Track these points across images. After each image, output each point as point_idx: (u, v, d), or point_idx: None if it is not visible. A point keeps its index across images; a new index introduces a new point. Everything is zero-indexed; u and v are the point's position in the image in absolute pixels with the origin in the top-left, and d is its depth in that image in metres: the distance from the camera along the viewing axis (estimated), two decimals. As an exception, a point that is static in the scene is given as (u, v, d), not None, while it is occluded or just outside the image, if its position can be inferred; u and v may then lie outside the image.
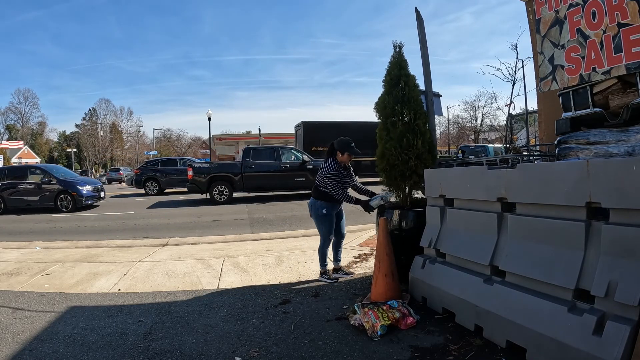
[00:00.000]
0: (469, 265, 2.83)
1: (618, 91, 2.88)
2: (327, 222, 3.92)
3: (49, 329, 3.00)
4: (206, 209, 10.92)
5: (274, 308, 3.30)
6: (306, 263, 4.64)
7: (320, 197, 3.88)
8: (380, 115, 3.79)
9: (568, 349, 1.97)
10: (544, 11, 3.25)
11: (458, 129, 45.81)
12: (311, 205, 3.96)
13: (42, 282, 4.25)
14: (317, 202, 3.90)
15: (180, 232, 7.49)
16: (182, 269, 4.61)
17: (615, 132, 2.80)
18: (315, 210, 3.91)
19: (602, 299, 1.93)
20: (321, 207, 3.87)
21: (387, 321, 2.72)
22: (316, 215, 3.93)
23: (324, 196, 3.85)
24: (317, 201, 3.90)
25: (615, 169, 1.97)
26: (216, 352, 2.56)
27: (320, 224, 3.94)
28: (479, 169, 3.04)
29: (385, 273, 3.16)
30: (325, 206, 3.86)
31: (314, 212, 3.94)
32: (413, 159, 3.54)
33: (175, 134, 54.13)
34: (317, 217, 3.92)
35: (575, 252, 2.11)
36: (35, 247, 6.29)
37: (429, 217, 3.34)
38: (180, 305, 3.45)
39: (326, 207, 3.86)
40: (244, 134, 50.60)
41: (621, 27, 2.67)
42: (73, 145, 55.79)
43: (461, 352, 2.40)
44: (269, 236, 6.70)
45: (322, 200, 3.87)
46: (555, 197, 2.23)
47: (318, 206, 3.88)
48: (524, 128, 22.29)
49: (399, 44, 3.73)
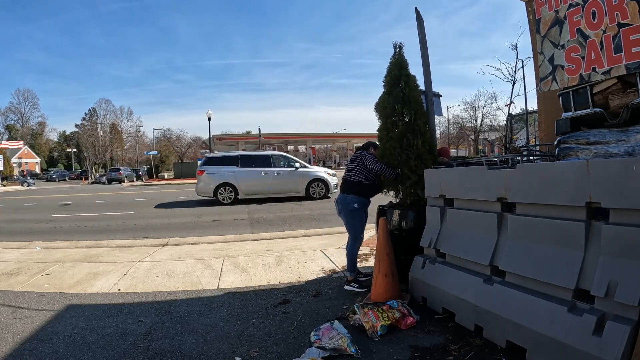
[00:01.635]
0: (469, 265, 2.83)
1: (618, 91, 2.88)
2: (359, 217, 3.69)
3: (49, 328, 3.00)
4: (206, 209, 10.92)
5: (274, 308, 3.30)
6: (306, 263, 4.65)
7: (351, 191, 3.67)
8: (380, 115, 3.78)
9: (568, 349, 1.97)
10: (544, 11, 3.25)
11: (458, 129, 45.78)
12: (340, 201, 3.73)
13: (42, 282, 4.25)
14: (347, 197, 3.67)
15: (180, 232, 7.49)
16: (182, 269, 4.61)
17: (615, 132, 2.80)
18: (346, 205, 3.67)
19: (602, 299, 1.93)
20: (352, 202, 3.65)
21: (387, 321, 2.72)
22: (347, 211, 3.68)
23: (357, 189, 3.66)
24: (348, 195, 3.68)
25: (615, 169, 1.97)
26: (216, 352, 2.56)
27: (351, 220, 3.70)
28: (479, 169, 3.04)
29: (385, 273, 3.16)
30: (356, 200, 3.65)
31: (344, 207, 3.69)
32: (413, 159, 3.54)
33: (175, 134, 54.10)
34: (348, 212, 3.68)
35: (575, 252, 2.11)
36: (35, 247, 6.28)
37: (429, 217, 3.34)
38: (180, 305, 3.45)
39: (357, 202, 3.65)
40: (244, 134, 50.57)
41: (621, 27, 2.67)
42: (73, 145, 55.82)
43: (461, 352, 2.40)
44: (269, 236, 6.70)
45: (353, 194, 3.66)
46: (555, 197, 2.23)
47: (349, 200, 3.66)
48: (524, 128, 22.28)
49: (399, 44, 3.72)
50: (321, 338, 2.58)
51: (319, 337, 2.60)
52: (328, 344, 2.49)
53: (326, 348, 2.46)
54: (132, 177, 36.67)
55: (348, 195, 3.69)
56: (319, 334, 2.63)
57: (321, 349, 2.46)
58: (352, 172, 3.72)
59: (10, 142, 48.58)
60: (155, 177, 38.95)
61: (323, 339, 2.57)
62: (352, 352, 2.43)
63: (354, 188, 3.68)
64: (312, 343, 2.57)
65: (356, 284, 3.64)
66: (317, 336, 2.62)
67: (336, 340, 2.51)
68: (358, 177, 3.68)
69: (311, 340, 2.61)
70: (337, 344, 2.48)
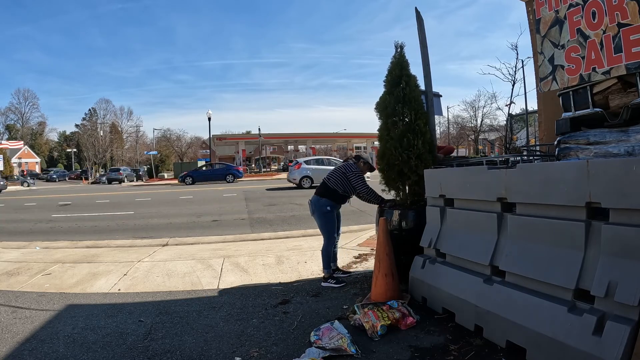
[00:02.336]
0: (469, 265, 2.83)
1: (618, 91, 2.88)
2: (331, 219, 3.93)
3: (49, 328, 3.00)
4: (206, 208, 10.93)
5: (274, 308, 3.30)
6: (306, 263, 4.65)
7: (325, 195, 3.91)
8: (380, 115, 3.78)
9: (568, 349, 1.97)
10: (544, 11, 3.25)
11: (458, 129, 45.77)
12: (314, 203, 3.96)
13: (42, 282, 4.25)
14: (321, 200, 3.91)
15: (180, 232, 7.49)
16: (182, 269, 4.61)
17: (615, 132, 2.80)
18: (319, 208, 3.91)
19: (602, 299, 1.93)
20: (325, 204, 3.89)
21: (387, 321, 2.72)
22: (320, 213, 3.92)
23: (331, 194, 3.90)
24: (321, 199, 3.91)
25: (615, 169, 1.97)
26: (216, 352, 2.56)
27: (324, 221, 3.93)
28: (479, 169, 3.04)
29: (385, 273, 3.16)
30: (329, 203, 3.89)
31: (317, 209, 3.93)
32: (413, 159, 3.54)
33: (175, 134, 54.10)
34: (321, 214, 3.91)
35: (575, 252, 2.11)
36: (35, 247, 6.28)
37: (429, 217, 3.34)
38: (180, 305, 3.45)
39: (330, 205, 3.90)
40: (244, 134, 50.57)
41: (621, 27, 2.67)
42: (73, 145, 55.79)
43: (461, 352, 2.40)
44: (269, 236, 6.70)
45: (327, 198, 3.90)
46: (555, 197, 2.23)
47: (322, 203, 3.90)
48: (524, 128, 22.26)
49: (401, 44, 3.72)
50: (321, 338, 2.58)
51: (319, 337, 2.60)
52: (328, 344, 2.49)
53: (326, 348, 2.46)
54: (132, 177, 36.65)
55: (322, 198, 3.93)
56: (319, 334, 2.63)
57: (321, 349, 2.46)
58: (333, 179, 3.94)
59: (10, 142, 48.59)
60: (155, 177, 38.93)
61: (323, 339, 2.57)
62: (352, 352, 2.43)
63: (328, 193, 3.92)
64: (312, 343, 2.57)
65: (332, 279, 3.86)
66: (317, 336, 2.61)
67: (336, 340, 2.51)
68: (335, 185, 3.91)
69: (311, 340, 2.61)
70: (337, 344, 2.48)
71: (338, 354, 2.43)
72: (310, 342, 2.59)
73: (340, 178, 3.91)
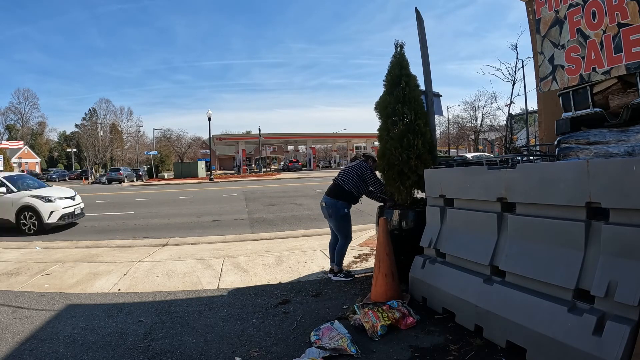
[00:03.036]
0: (469, 265, 2.83)
1: (618, 91, 2.88)
2: (349, 220, 3.98)
3: (49, 328, 3.00)
4: (206, 208, 10.93)
5: (274, 308, 3.30)
6: (306, 263, 4.64)
7: (341, 197, 3.92)
8: (380, 115, 3.78)
9: (568, 349, 1.97)
10: (544, 11, 3.25)
11: (458, 129, 45.77)
12: (331, 206, 3.94)
13: (42, 282, 4.25)
14: (338, 202, 3.92)
15: (180, 232, 7.49)
16: (182, 269, 4.61)
17: (615, 132, 2.80)
18: (336, 211, 3.92)
19: (602, 299, 1.93)
20: (343, 207, 3.91)
21: (387, 321, 2.72)
22: (337, 215, 3.93)
23: (347, 196, 3.92)
24: (338, 201, 3.92)
25: (615, 169, 1.97)
26: (216, 352, 2.56)
27: (343, 224, 3.96)
28: (479, 169, 3.04)
29: (385, 273, 3.16)
30: (346, 206, 3.93)
31: (334, 212, 3.93)
32: (414, 159, 3.54)
33: (175, 134, 54.10)
34: (339, 217, 3.93)
35: (575, 252, 2.11)
36: (35, 247, 6.28)
37: (429, 217, 3.34)
38: (180, 305, 3.45)
39: (347, 207, 3.94)
40: (244, 134, 50.58)
41: (621, 27, 2.67)
42: (73, 145, 55.77)
43: (461, 352, 2.40)
44: (269, 236, 6.70)
45: (343, 200, 3.91)
46: (555, 197, 2.23)
47: (339, 206, 3.91)
48: (524, 128, 22.27)
49: (401, 43, 3.72)
50: (321, 338, 2.58)
51: (319, 337, 2.60)
52: (328, 344, 2.49)
53: (326, 348, 2.46)
54: (132, 177, 36.64)
55: (338, 201, 3.92)
56: (319, 334, 2.63)
57: (321, 349, 2.46)
58: (347, 180, 3.94)
59: (10, 142, 48.53)
60: (155, 177, 38.94)
61: (323, 339, 2.57)
62: (352, 352, 2.43)
63: (345, 195, 3.92)
64: (312, 343, 2.57)
65: (342, 274, 3.98)
66: (317, 336, 2.62)
67: (336, 340, 2.51)
68: (351, 187, 3.92)
69: (311, 340, 2.61)
70: (337, 344, 2.48)
71: (338, 354, 2.43)
72: (310, 342, 2.59)
73: (355, 179, 3.92)
